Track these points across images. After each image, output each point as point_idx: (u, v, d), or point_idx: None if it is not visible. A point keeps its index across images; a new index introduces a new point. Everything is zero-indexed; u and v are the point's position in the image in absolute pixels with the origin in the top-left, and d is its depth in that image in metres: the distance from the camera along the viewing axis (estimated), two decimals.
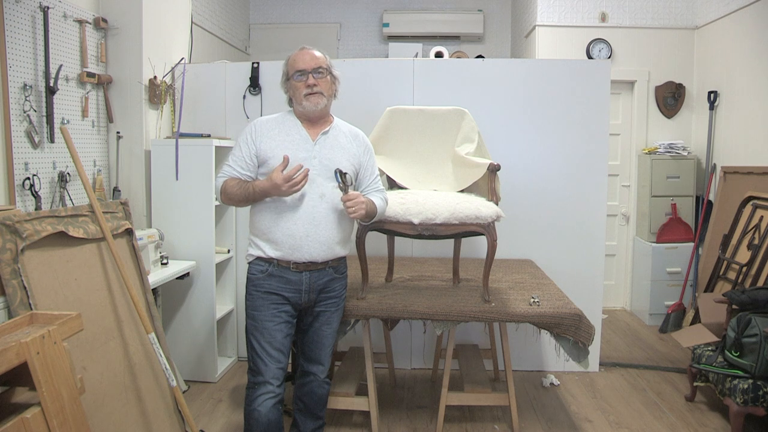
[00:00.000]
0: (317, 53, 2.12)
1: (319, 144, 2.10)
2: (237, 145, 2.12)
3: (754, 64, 3.89)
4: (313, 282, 2.11)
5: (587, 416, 2.87)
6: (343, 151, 2.14)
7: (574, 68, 3.36)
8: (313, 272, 2.10)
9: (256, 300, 2.08)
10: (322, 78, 2.09)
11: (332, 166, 2.08)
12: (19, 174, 2.47)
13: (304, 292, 2.10)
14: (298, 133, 2.10)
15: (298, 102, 2.10)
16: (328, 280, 2.16)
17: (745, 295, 2.78)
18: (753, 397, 2.49)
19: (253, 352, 2.07)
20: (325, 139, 2.12)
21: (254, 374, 2.07)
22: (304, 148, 2.08)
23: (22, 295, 1.84)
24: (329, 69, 2.13)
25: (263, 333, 2.06)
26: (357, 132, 2.26)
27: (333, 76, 2.15)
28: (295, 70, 2.08)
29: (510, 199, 2.94)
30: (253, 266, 2.11)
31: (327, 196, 2.07)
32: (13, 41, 2.43)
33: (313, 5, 5.74)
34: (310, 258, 2.06)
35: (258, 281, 2.08)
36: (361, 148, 2.20)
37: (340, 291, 2.24)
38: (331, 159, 2.09)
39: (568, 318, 2.38)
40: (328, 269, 2.15)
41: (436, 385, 3.17)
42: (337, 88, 2.19)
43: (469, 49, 5.62)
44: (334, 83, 2.17)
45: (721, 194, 4.04)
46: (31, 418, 1.43)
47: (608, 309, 4.72)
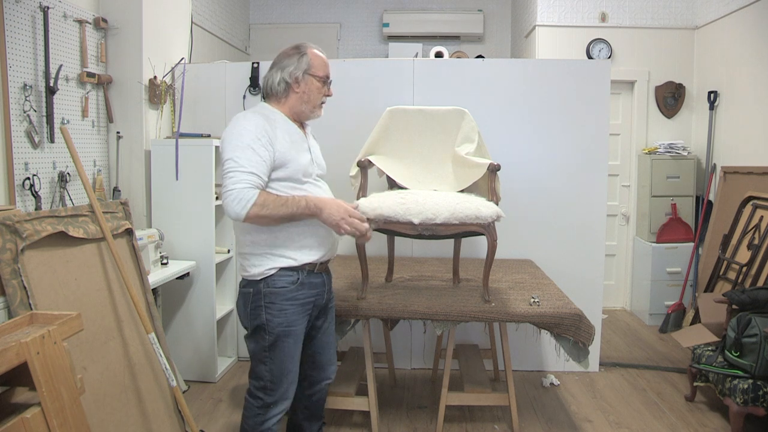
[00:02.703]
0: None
1: (309, 142, 2.04)
2: (247, 147, 1.79)
3: (754, 64, 3.89)
4: (327, 281, 2.08)
5: (587, 416, 2.87)
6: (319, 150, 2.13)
7: (574, 68, 3.36)
8: (327, 272, 2.09)
9: (292, 315, 1.91)
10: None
11: (322, 165, 2.08)
12: (19, 174, 2.47)
13: (326, 293, 2.07)
14: (297, 133, 1.98)
15: (310, 105, 1.97)
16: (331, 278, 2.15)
17: (745, 295, 2.78)
18: (753, 397, 2.49)
19: (279, 371, 1.92)
20: (310, 139, 2.08)
21: (272, 393, 1.92)
22: (304, 148, 1.98)
23: (22, 295, 1.84)
24: None
25: (296, 348, 1.94)
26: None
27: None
28: (326, 74, 1.99)
29: (510, 199, 2.94)
30: (278, 279, 1.89)
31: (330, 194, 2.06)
32: (13, 41, 2.43)
33: (313, 5, 5.74)
34: (332, 257, 2.06)
35: (290, 293, 1.91)
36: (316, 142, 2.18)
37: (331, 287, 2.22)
38: (318, 156, 2.07)
39: (568, 318, 2.38)
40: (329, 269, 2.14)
41: (436, 385, 3.17)
42: None
43: (469, 49, 5.62)
44: None
45: (721, 194, 4.04)
46: (31, 418, 1.43)
47: (608, 309, 4.72)
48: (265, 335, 1.90)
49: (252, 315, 1.92)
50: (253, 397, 1.95)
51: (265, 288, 1.89)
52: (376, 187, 2.77)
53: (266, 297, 1.89)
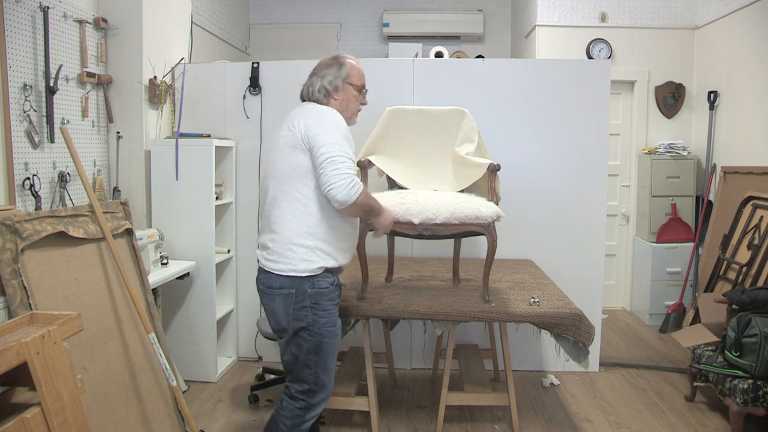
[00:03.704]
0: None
1: None
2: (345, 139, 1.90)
3: (754, 64, 3.89)
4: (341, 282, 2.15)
5: (587, 416, 2.87)
6: None
7: (574, 68, 3.36)
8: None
9: (333, 314, 1.98)
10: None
11: None
12: (19, 174, 2.47)
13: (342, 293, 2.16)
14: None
15: (348, 113, 2.06)
16: None
17: (745, 295, 2.78)
18: (753, 397, 2.49)
19: (324, 372, 1.96)
20: None
21: (316, 395, 1.96)
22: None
23: (22, 295, 1.84)
24: None
25: (336, 348, 2.00)
26: None
27: None
28: (363, 84, 2.09)
29: (510, 199, 2.94)
30: (320, 280, 1.93)
31: None
32: (13, 41, 2.43)
33: (313, 5, 5.74)
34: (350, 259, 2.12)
35: (331, 294, 1.97)
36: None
37: None
38: None
39: (568, 318, 2.38)
40: None
41: (436, 385, 3.17)
42: None
43: (469, 49, 5.62)
44: None
45: (721, 194, 4.04)
46: (31, 418, 1.43)
47: (608, 309, 4.72)
48: (309, 337, 1.92)
49: (295, 317, 1.91)
50: (295, 400, 1.97)
51: (311, 289, 1.91)
52: (376, 187, 2.77)
53: (312, 298, 1.91)
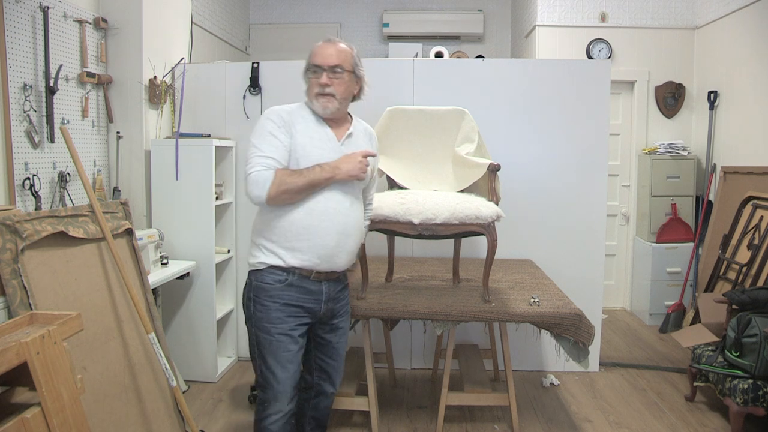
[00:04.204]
0: (342, 47, 1.91)
1: (345, 146, 1.95)
2: (266, 133, 1.86)
3: (754, 64, 3.89)
4: (331, 291, 2.00)
5: (587, 416, 2.87)
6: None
7: (574, 68, 3.36)
8: (331, 282, 1.99)
9: (273, 312, 1.89)
10: (338, 78, 1.89)
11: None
12: (19, 174, 2.47)
13: (324, 302, 1.97)
14: (325, 132, 1.94)
15: (309, 99, 1.94)
16: (341, 289, 2.07)
17: (745, 295, 2.78)
18: (753, 397, 2.49)
19: (266, 369, 1.90)
20: (350, 141, 1.98)
21: (265, 391, 1.92)
22: (331, 148, 1.92)
23: (22, 295, 1.84)
24: (353, 68, 1.93)
25: (279, 348, 1.89)
26: (371, 132, 2.13)
27: (357, 76, 1.95)
28: (312, 63, 1.90)
29: (510, 199, 2.94)
30: (266, 275, 1.90)
31: (355, 204, 1.97)
32: (13, 41, 2.43)
33: (313, 5, 5.74)
34: (336, 268, 1.95)
35: (275, 291, 1.89)
36: (376, 151, 2.09)
37: (347, 297, 2.14)
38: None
39: (568, 318, 2.38)
40: (341, 278, 2.06)
41: (436, 385, 3.17)
42: (361, 89, 2.00)
43: (469, 49, 5.62)
44: (357, 84, 1.97)
45: (721, 194, 4.04)
46: (31, 418, 1.43)
47: (608, 309, 4.72)
48: (250, 328, 1.95)
49: (245, 306, 1.97)
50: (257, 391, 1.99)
51: (255, 281, 1.92)
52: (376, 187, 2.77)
53: (254, 290, 1.92)
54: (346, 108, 1.98)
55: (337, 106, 1.90)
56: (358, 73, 1.95)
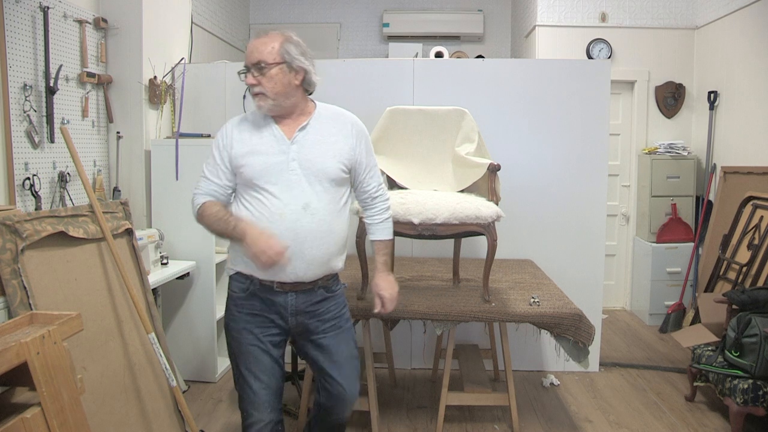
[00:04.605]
0: (265, 40, 1.73)
1: (297, 143, 1.77)
2: (211, 153, 1.83)
3: (754, 64, 3.89)
4: (300, 304, 1.80)
5: (587, 416, 2.87)
6: (327, 148, 1.79)
7: (574, 68, 3.36)
8: (299, 293, 1.80)
9: (239, 322, 1.81)
10: (263, 75, 1.72)
11: (315, 168, 1.76)
12: (19, 174, 2.47)
13: (290, 315, 1.81)
14: (271, 132, 1.78)
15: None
16: (318, 301, 1.84)
17: (745, 295, 2.78)
18: (753, 397, 2.49)
19: (242, 379, 1.82)
20: (305, 135, 1.78)
21: (243, 400, 1.83)
22: (279, 149, 1.76)
23: (22, 295, 1.84)
24: (283, 59, 1.72)
25: (249, 359, 1.80)
26: (345, 116, 1.87)
27: (291, 67, 1.74)
28: (245, 64, 1.76)
29: (510, 199, 2.94)
30: (233, 282, 1.83)
31: (312, 205, 1.74)
32: (13, 41, 2.43)
33: (313, 5, 5.74)
34: (296, 278, 1.76)
35: (240, 300, 1.81)
36: (351, 137, 1.84)
37: (337, 311, 1.89)
38: (313, 160, 1.76)
39: (568, 318, 2.38)
40: (318, 289, 1.83)
41: (436, 385, 3.17)
42: (306, 79, 1.78)
43: (469, 49, 5.62)
44: (297, 75, 1.76)
45: (721, 194, 4.04)
46: (31, 418, 1.43)
47: (608, 309, 4.71)
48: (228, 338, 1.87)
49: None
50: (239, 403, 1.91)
51: (228, 288, 1.88)
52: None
53: (227, 298, 1.88)
54: (289, 102, 1.77)
55: (270, 103, 1.74)
56: (293, 63, 1.74)
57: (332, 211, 1.79)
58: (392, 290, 1.96)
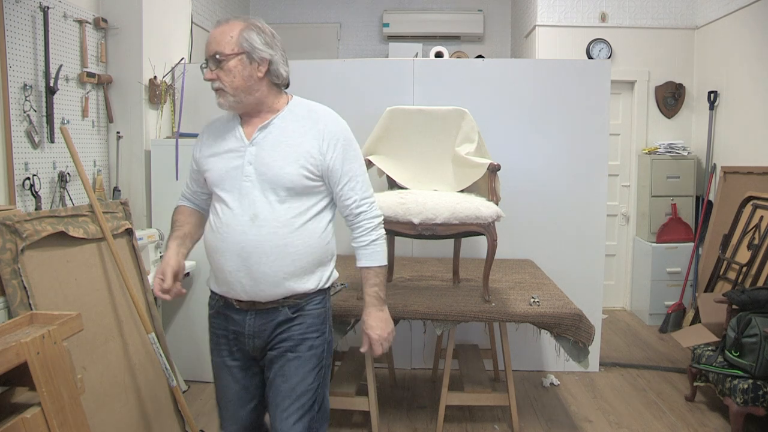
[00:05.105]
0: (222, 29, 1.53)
1: (256, 144, 1.55)
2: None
3: (754, 64, 3.89)
4: (259, 325, 1.57)
5: (587, 416, 2.87)
6: (288, 150, 1.53)
7: (574, 68, 3.36)
8: (260, 312, 1.56)
9: (211, 341, 1.67)
10: (221, 68, 1.52)
11: (270, 174, 1.52)
12: (19, 174, 2.47)
13: (248, 337, 1.58)
14: (233, 133, 1.59)
15: None
16: (281, 322, 1.56)
17: (745, 295, 2.78)
18: (753, 397, 2.49)
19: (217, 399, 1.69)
20: (265, 137, 1.56)
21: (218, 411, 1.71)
22: (236, 153, 1.56)
23: (22, 295, 1.84)
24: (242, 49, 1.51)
25: (217, 380, 1.67)
26: (318, 114, 1.60)
27: (252, 58, 1.52)
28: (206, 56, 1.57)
29: (510, 199, 2.94)
30: (210, 297, 1.70)
31: (261, 216, 1.51)
32: (13, 41, 2.43)
33: (313, 5, 5.74)
34: (247, 297, 1.55)
35: (211, 319, 1.68)
36: (320, 139, 1.55)
37: (299, 333, 1.57)
38: (269, 164, 1.52)
39: (568, 318, 2.38)
40: (282, 309, 1.56)
41: (436, 385, 3.17)
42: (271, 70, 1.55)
43: (469, 49, 5.62)
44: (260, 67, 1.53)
45: (721, 194, 4.04)
46: (31, 418, 1.43)
47: (608, 309, 4.71)
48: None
49: None
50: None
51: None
52: (376, 187, 2.74)
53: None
54: (253, 98, 1.55)
55: (231, 100, 1.54)
56: (254, 54, 1.52)
57: (289, 224, 1.52)
58: (382, 330, 1.62)
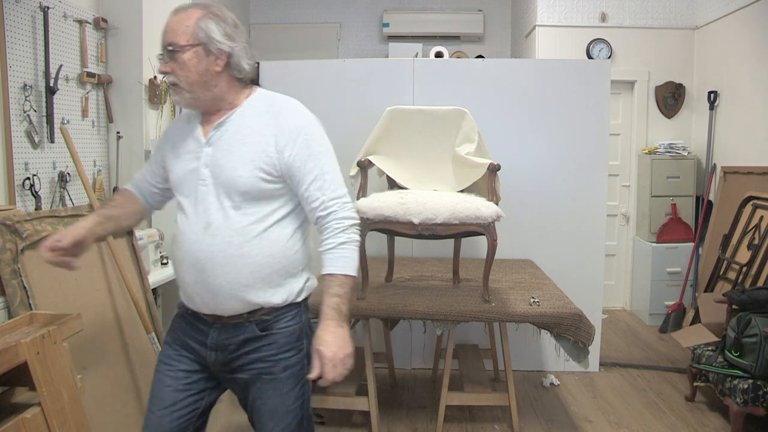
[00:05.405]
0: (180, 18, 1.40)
1: (213, 144, 1.40)
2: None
3: (754, 64, 3.89)
4: (222, 339, 1.42)
5: (587, 416, 2.87)
6: (244, 150, 1.37)
7: (574, 68, 3.36)
8: (224, 328, 1.42)
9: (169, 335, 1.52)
10: (175, 61, 1.36)
11: (224, 177, 1.36)
12: (19, 174, 2.47)
13: (210, 349, 1.43)
14: (193, 133, 1.45)
15: None
16: (247, 339, 1.41)
17: (745, 295, 2.78)
18: (753, 397, 2.49)
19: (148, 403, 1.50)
20: (221, 135, 1.40)
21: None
22: (193, 154, 1.42)
23: (22, 295, 1.84)
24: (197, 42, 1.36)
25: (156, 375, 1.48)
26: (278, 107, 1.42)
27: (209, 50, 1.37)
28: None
29: (510, 199, 2.94)
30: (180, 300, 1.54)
31: (215, 224, 1.36)
32: (13, 41, 2.43)
33: (313, 5, 5.74)
34: (208, 311, 1.41)
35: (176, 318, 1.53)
36: (278, 135, 1.37)
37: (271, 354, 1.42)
38: (223, 166, 1.37)
39: (568, 318, 2.38)
40: (248, 325, 1.41)
41: (436, 385, 3.17)
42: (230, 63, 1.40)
43: (469, 49, 5.62)
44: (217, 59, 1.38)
45: (721, 194, 4.04)
46: (31, 418, 1.43)
47: (608, 309, 4.71)
48: None
49: None
50: None
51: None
52: (376, 187, 2.77)
53: None
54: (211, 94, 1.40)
55: (187, 97, 1.38)
56: (212, 46, 1.37)
57: (245, 232, 1.36)
58: (339, 349, 1.36)
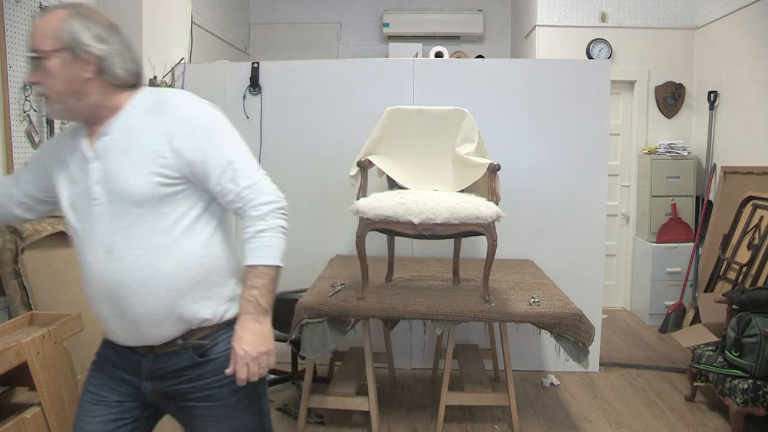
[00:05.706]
0: (46, 20, 1.20)
1: (100, 157, 1.24)
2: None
3: (754, 64, 3.89)
4: (157, 369, 1.29)
5: (587, 416, 2.87)
6: (134, 155, 1.21)
7: (574, 68, 3.36)
8: (157, 357, 1.29)
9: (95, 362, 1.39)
10: (41, 70, 1.20)
11: (117, 189, 1.21)
12: None
13: (145, 379, 1.30)
14: (78, 147, 1.28)
15: None
16: (184, 367, 1.29)
17: (745, 295, 2.78)
18: (753, 397, 2.49)
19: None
20: (106, 145, 1.24)
21: None
22: (81, 172, 1.26)
23: (22, 295, 1.85)
24: (61, 47, 1.18)
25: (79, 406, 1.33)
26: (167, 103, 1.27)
27: (75, 54, 1.19)
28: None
29: (510, 199, 2.94)
30: None
31: (117, 246, 1.21)
32: (13, 41, 2.43)
33: (313, 5, 5.74)
34: (135, 343, 1.29)
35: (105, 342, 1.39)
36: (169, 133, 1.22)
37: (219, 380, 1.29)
38: (115, 178, 1.21)
39: (568, 318, 2.38)
40: (183, 352, 1.28)
41: (436, 385, 3.16)
42: (103, 69, 1.22)
43: (469, 49, 5.62)
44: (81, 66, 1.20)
45: (721, 194, 4.04)
46: (31, 418, 1.43)
47: (608, 309, 4.71)
48: None
49: None
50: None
51: None
52: (376, 187, 2.77)
53: None
54: (84, 104, 1.23)
55: (58, 108, 1.23)
56: (80, 50, 1.19)
57: (152, 248, 1.22)
58: (253, 346, 1.23)
